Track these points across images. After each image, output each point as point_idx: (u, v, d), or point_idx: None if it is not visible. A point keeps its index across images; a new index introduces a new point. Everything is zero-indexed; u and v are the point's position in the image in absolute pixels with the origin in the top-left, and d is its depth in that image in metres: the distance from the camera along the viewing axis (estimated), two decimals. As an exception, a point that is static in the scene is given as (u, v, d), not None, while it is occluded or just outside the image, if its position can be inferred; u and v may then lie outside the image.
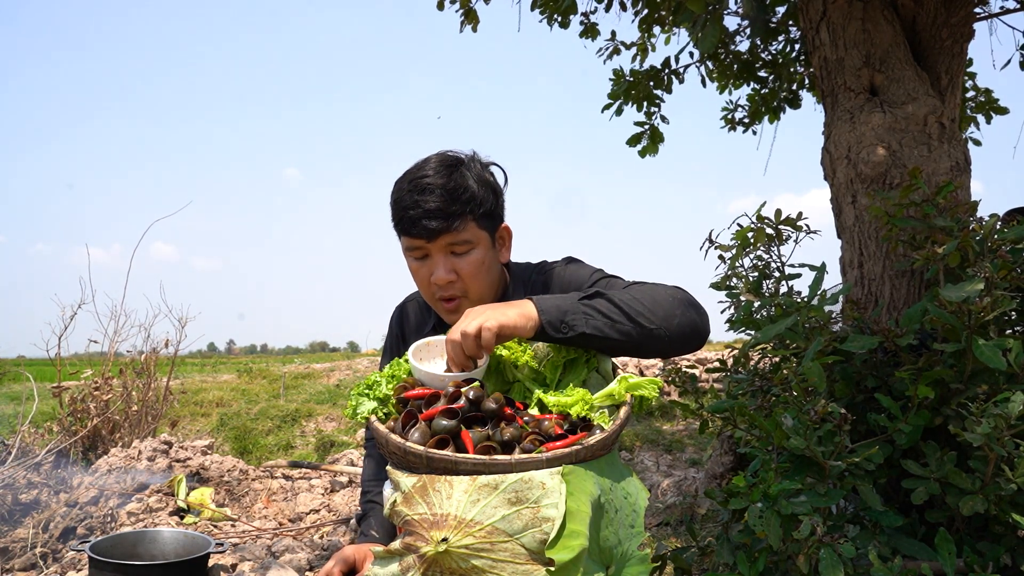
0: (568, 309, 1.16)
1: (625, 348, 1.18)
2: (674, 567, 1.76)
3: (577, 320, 1.15)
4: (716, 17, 2.42)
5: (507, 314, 1.13)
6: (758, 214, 1.79)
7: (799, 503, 1.33)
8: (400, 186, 1.34)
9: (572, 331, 1.14)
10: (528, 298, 1.18)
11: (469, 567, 0.91)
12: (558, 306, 1.16)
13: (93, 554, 1.86)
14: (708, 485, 3.74)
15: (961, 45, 2.12)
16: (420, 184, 1.30)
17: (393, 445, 1.00)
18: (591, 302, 1.18)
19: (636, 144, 3.93)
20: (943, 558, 1.29)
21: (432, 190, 1.29)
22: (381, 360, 1.57)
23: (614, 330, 1.16)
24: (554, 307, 1.16)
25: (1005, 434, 1.26)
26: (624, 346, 1.18)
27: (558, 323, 1.15)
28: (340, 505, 3.78)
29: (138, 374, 4.83)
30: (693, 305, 1.25)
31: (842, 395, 1.64)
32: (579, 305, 1.17)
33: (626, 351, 1.19)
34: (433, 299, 1.38)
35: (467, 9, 3.80)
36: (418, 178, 1.31)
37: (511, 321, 1.12)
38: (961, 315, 1.40)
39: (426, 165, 1.34)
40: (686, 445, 5.48)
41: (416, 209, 1.29)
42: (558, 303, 1.17)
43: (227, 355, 26.08)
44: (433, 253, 1.33)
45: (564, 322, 1.15)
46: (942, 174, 1.95)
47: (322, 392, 7.73)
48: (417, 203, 1.29)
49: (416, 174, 1.33)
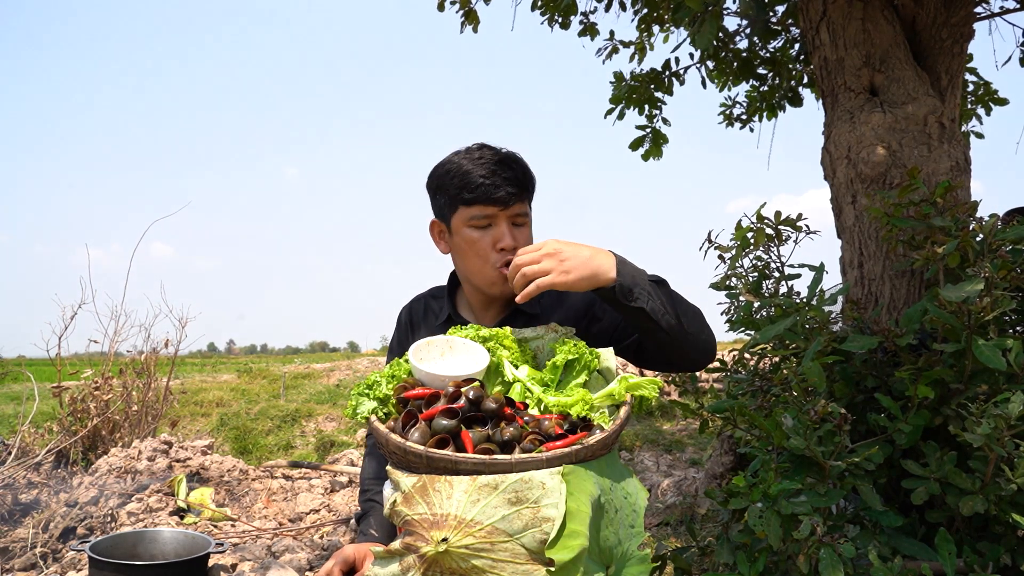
0: (639, 282, 1.24)
1: (660, 339, 1.27)
2: (674, 567, 1.76)
3: (642, 295, 1.23)
4: (714, 15, 2.42)
5: (569, 275, 1.21)
6: (757, 214, 1.79)
7: (799, 503, 1.33)
8: (461, 163, 1.40)
9: (635, 303, 1.23)
10: (612, 252, 1.26)
11: (469, 567, 0.91)
12: (633, 275, 1.25)
13: (93, 554, 1.86)
14: (708, 485, 3.74)
15: (961, 45, 2.12)
16: (497, 157, 1.39)
17: (393, 445, 1.00)
18: (656, 285, 1.27)
19: (639, 148, 3.92)
20: (943, 558, 1.29)
21: (508, 163, 1.39)
22: (387, 357, 1.58)
23: (663, 318, 1.24)
24: (630, 274, 1.24)
25: (1005, 434, 1.26)
26: (660, 338, 1.26)
27: (628, 290, 1.23)
28: (340, 505, 3.78)
29: (138, 374, 4.83)
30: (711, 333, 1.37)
31: (842, 395, 1.64)
32: (647, 283, 1.25)
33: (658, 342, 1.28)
34: (491, 268, 1.41)
35: (467, 10, 3.80)
36: (489, 153, 1.40)
37: (568, 282, 1.21)
38: (961, 315, 1.40)
39: (485, 147, 1.42)
40: (686, 445, 5.48)
41: (494, 177, 1.37)
42: (633, 272, 1.25)
43: (227, 355, 26.08)
44: (498, 222, 1.39)
45: (632, 292, 1.23)
46: (942, 174, 1.95)
47: (322, 392, 7.74)
48: (495, 172, 1.37)
49: (483, 151, 1.41)
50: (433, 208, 1.49)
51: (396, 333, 1.63)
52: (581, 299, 1.48)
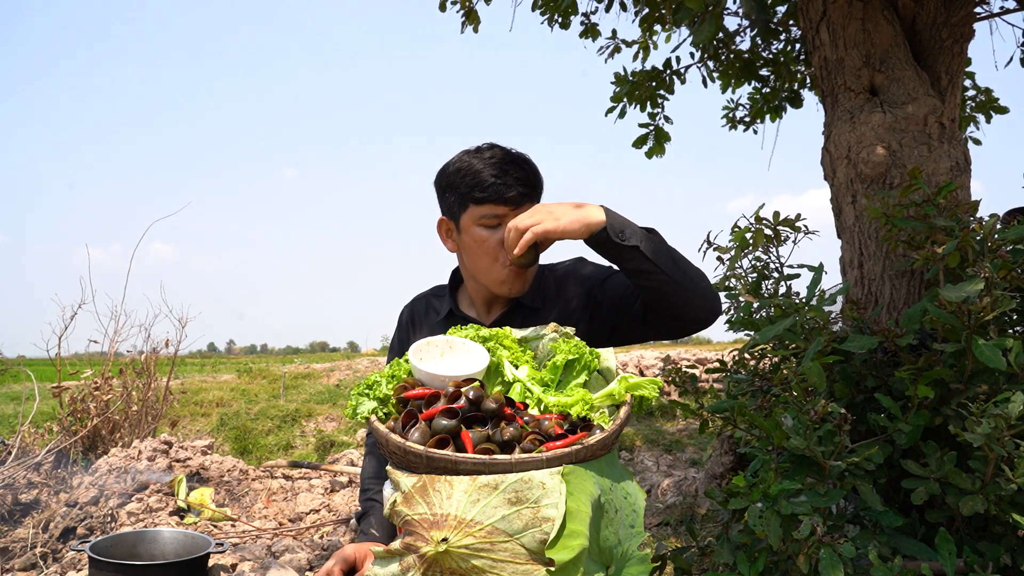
0: (629, 225, 1.29)
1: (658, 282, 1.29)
2: (674, 567, 1.76)
3: (633, 235, 1.27)
4: (714, 14, 2.42)
5: (560, 220, 1.26)
6: (756, 215, 1.79)
7: (799, 503, 1.33)
8: (472, 162, 1.41)
9: (628, 241, 1.27)
10: (601, 206, 1.30)
11: (469, 567, 0.91)
12: (622, 220, 1.29)
13: (93, 554, 1.86)
14: (708, 485, 3.74)
15: (961, 45, 2.12)
16: (508, 157, 1.41)
17: (393, 445, 1.00)
18: (649, 232, 1.31)
19: (642, 146, 3.93)
20: (943, 558, 1.29)
21: (518, 163, 1.41)
22: (388, 356, 1.58)
23: (658, 260, 1.28)
24: (619, 219, 1.29)
25: (1005, 434, 1.26)
26: (658, 280, 1.29)
27: (619, 230, 1.27)
28: (340, 505, 3.78)
29: (138, 374, 4.83)
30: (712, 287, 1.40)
31: (842, 395, 1.64)
32: (639, 228, 1.30)
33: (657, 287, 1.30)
34: (500, 267, 1.42)
35: (468, 10, 3.81)
36: (500, 152, 1.42)
37: (560, 227, 1.26)
38: (961, 315, 1.40)
39: (495, 146, 1.44)
40: (686, 445, 5.48)
41: (505, 177, 1.38)
42: (621, 218, 1.30)
43: (227, 355, 26.09)
44: (508, 221, 1.39)
45: (624, 232, 1.27)
46: (942, 174, 1.95)
47: (322, 392, 7.73)
48: (506, 172, 1.39)
49: (494, 151, 1.42)
50: (441, 206, 1.49)
51: (397, 333, 1.64)
52: (581, 288, 1.48)
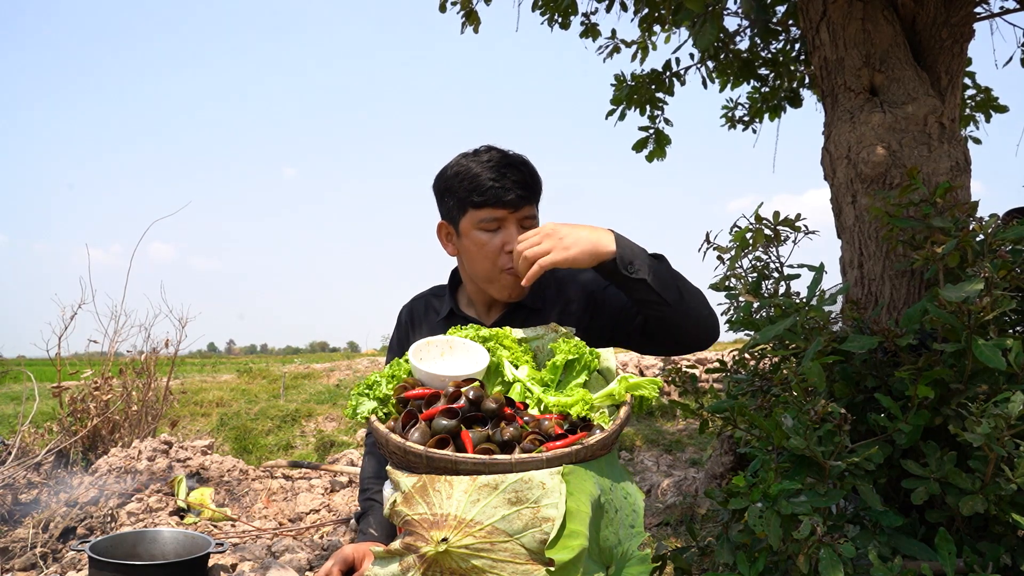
0: (639, 254, 1.28)
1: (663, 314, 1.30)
2: (674, 567, 1.76)
3: (642, 267, 1.26)
4: (715, 15, 2.42)
5: (570, 250, 1.24)
6: (756, 214, 1.79)
7: (799, 503, 1.33)
8: (470, 165, 1.40)
9: (636, 274, 1.26)
10: (611, 230, 1.29)
11: (469, 567, 0.91)
12: (632, 249, 1.28)
13: (93, 554, 1.86)
14: (708, 485, 3.74)
15: (961, 45, 2.12)
16: (505, 160, 1.40)
17: (393, 445, 1.00)
18: (657, 260, 1.31)
19: (642, 149, 3.92)
20: (943, 558, 1.29)
21: (518, 166, 1.40)
22: (387, 356, 1.58)
23: (665, 290, 1.28)
24: (629, 247, 1.28)
25: (1005, 434, 1.26)
26: (664, 312, 1.29)
27: (629, 261, 1.26)
28: (340, 505, 3.78)
29: (138, 374, 4.83)
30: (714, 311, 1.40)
31: (842, 395, 1.64)
32: (647, 256, 1.29)
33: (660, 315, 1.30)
34: (498, 271, 1.41)
35: (468, 10, 3.80)
36: (497, 155, 1.41)
37: (570, 258, 1.24)
38: (961, 315, 1.40)
39: (492, 149, 1.43)
40: (686, 445, 5.48)
41: (504, 180, 1.37)
42: (631, 246, 1.29)
43: (227, 355, 26.10)
44: (508, 225, 1.39)
45: (633, 263, 1.26)
46: (942, 174, 1.95)
47: (322, 392, 7.73)
48: (505, 175, 1.38)
49: (491, 153, 1.41)
50: (440, 210, 1.48)
51: (396, 332, 1.63)
52: (582, 290, 1.49)
